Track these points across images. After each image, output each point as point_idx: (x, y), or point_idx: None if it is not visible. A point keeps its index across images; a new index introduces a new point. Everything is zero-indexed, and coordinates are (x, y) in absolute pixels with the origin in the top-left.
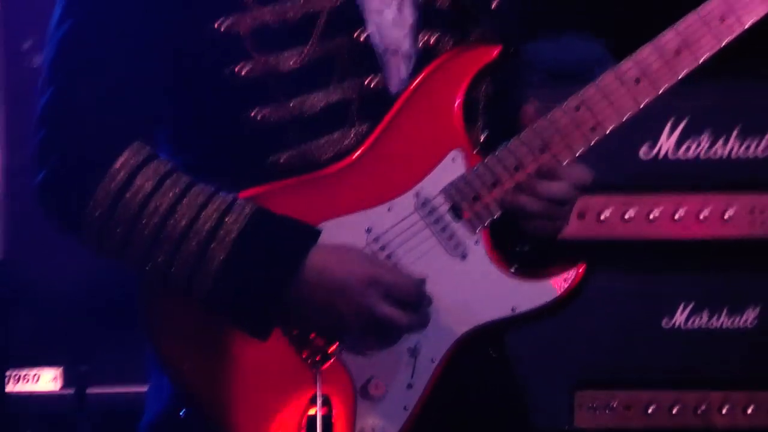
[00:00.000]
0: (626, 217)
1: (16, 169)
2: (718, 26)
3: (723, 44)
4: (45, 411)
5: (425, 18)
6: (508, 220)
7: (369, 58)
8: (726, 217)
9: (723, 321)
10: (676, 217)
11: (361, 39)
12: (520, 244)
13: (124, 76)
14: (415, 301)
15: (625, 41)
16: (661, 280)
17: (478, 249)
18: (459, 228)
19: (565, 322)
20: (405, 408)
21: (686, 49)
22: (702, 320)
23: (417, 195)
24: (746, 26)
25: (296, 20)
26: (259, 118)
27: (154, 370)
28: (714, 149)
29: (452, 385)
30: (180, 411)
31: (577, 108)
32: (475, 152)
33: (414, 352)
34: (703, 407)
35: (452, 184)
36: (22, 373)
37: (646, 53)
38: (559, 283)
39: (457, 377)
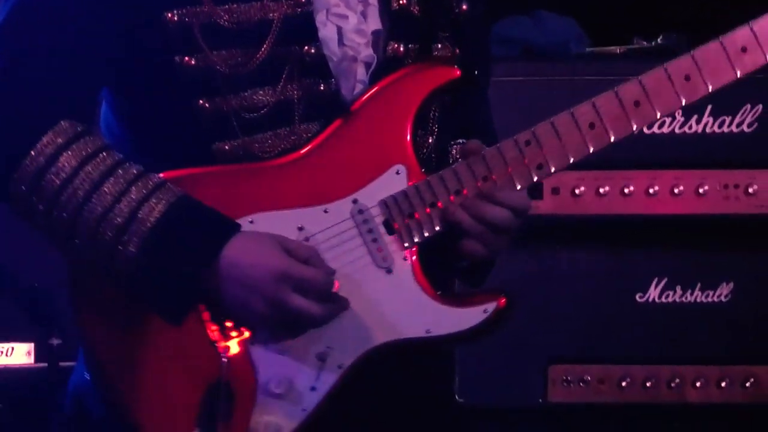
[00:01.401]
0: (601, 192)
1: None
2: (683, 84)
3: (684, 103)
4: (18, 384)
5: (395, 28)
6: (442, 241)
7: (320, 66)
8: (701, 191)
9: (696, 296)
10: (651, 192)
11: (312, 51)
12: (452, 265)
13: (68, 53)
14: (323, 293)
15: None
16: (635, 255)
17: (404, 265)
18: (390, 242)
19: (540, 296)
20: (304, 409)
21: (647, 102)
22: (675, 295)
23: (355, 202)
24: (710, 90)
25: (250, 24)
26: (205, 106)
27: None
28: (688, 124)
29: (359, 393)
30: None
31: (528, 143)
32: (421, 170)
33: (322, 356)
34: (677, 381)
35: (391, 197)
36: None
37: (605, 100)
38: (478, 314)
39: (365, 387)
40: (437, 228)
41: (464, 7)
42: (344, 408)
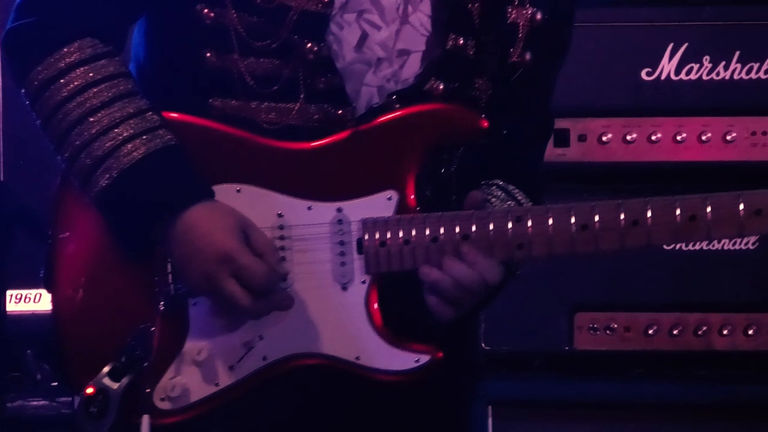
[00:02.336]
0: (628, 139)
1: (14, 90)
2: (686, 224)
3: (678, 241)
4: (45, 330)
5: (443, 64)
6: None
7: (326, 64)
8: (728, 138)
9: (724, 243)
10: (678, 139)
11: (315, 49)
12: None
13: None
14: (261, 290)
15: None
16: None
17: (360, 288)
18: (356, 261)
19: None
20: (216, 384)
21: (645, 226)
22: (702, 243)
23: (339, 210)
24: (709, 238)
25: (272, 3)
26: (213, 60)
27: None
28: (716, 71)
29: (278, 396)
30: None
31: (518, 219)
32: (412, 205)
33: (250, 344)
34: (704, 329)
35: (372, 219)
36: (23, 293)
37: (607, 209)
38: (409, 361)
39: (287, 392)
40: (404, 266)
41: (527, 57)
42: (256, 410)
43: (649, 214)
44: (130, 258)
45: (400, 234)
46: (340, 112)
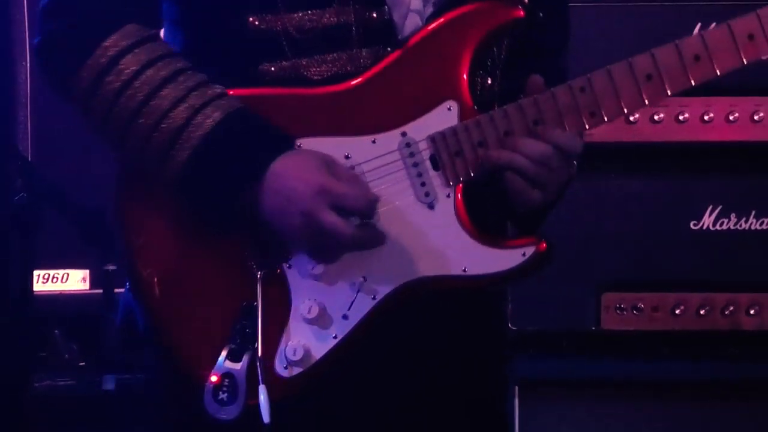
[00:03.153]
0: (655, 119)
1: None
2: (746, 44)
3: (745, 63)
4: (73, 311)
5: None
6: (494, 186)
7: None
8: (756, 118)
9: (751, 223)
10: (706, 118)
11: None
12: (504, 210)
13: None
14: (363, 214)
15: None
16: (690, 182)
17: (447, 203)
18: (434, 178)
19: (593, 224)
20: (335, 336)
21: (707, 58)
22: (730, 223)
23: (403, 135)
24: None
25: None
26: (256, 23)
27: None
28: None
29: (392, 325)
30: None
31: (582, 89)
32: (473, 108)
33: (357, 287)
34: (731, 309)
35: (439, 133)
36: (51, 273)
37: (665, 52)
38: (517, 257)
39: (399, 319)
40: (483, 168)
41: None
42: (388, 339)
43: (708, 45)
44: (222, 230)
45: (472, 138)
46: (389, 49)
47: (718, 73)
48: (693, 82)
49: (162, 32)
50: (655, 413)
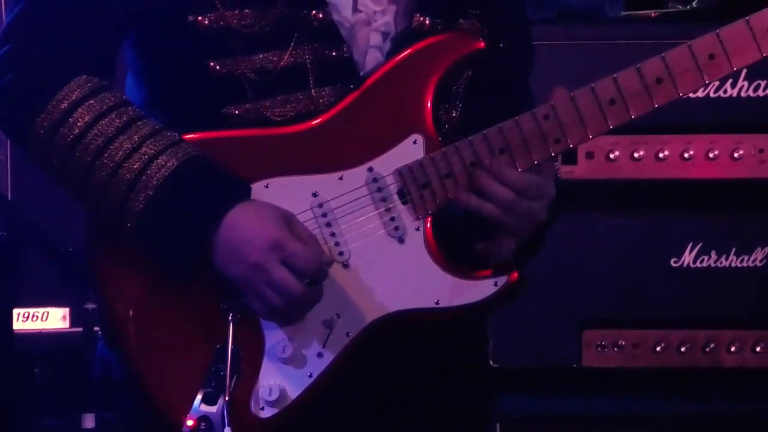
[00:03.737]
0: (635, 156)
1: None
2: (706, 63)
3: (707, 82)
4: (53, 349)
5: (423, 1)
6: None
7: (330, 31)
8: (735, 156)
9: (731, 260)
10: (686, 156)
11: (320, 16)
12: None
13: (87, 7)
14: (312, 275)
15: None
16: (670, 220)
17: (417, 235)
18: (403, 211)
19: (574, 261)
20: (310, 375)
21: (668, 79)
22: (710, 260)
23: (370, 170)
24: (735, 69)
25: None
26: (217, 68)
27: None
28: (723, 88)
29: (367, 361)
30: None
31: (546, 117)
32: (439, 140)
33: (329, 324)
34: (712, 346)
35: (406, 167)
36: (31, 311)
37: (627, 75)
38: (488, 287)
39: (374, 355)
40: (450, 199)
41: None
42: (365, 375)
43: (669, 67)
44: (182, 281)
45: (439, 170)
46: (351, 86)
47: (681, 95)
48: (656, 104)
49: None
50: None
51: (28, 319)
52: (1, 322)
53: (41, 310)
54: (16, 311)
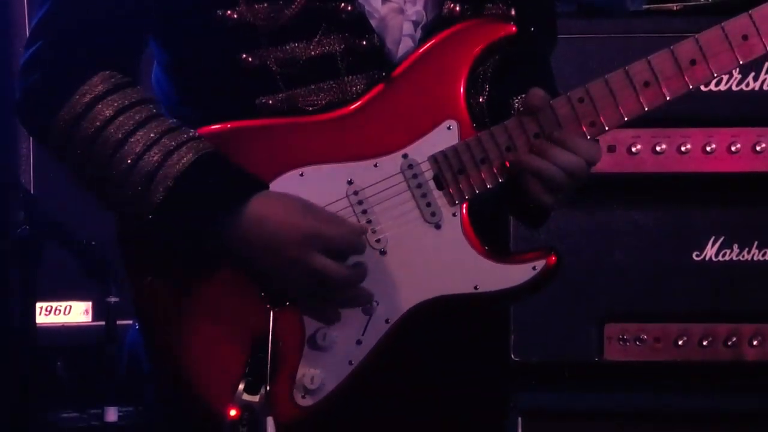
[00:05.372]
0: (657, 150)
1: None
2: (740, 44)
3: (741, 63)
4: (76, 342)
5: None
6: (501, 194)
7: (358, 22)
8: (758, 149)
9: (754, 254)
10: (708, 149)
11: (349, 8)
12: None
13: (111, 5)
14: (354, 252)
15: None
16: (692, 213)
17: (453, 221)
18: (439, 197)
19: (596, 255)
20: (350, 363)
21: (703, 61)
22: (732, 254)
23: (405, 157)
24: None
25: None
26: (249, 60)
27: None
28: (746, 82)
29: (406, 347)
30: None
31: (581, 100)
32: (472, 126)
33: (368, 311)
34: (734, 339)
35: (441, 153)
36: (54, 305)
37: (661, 58)
38: (527, 271)
39: (412, 341)
40: (488, 185)
41: None
42: (395, 364)
43: (703, 48)
44: (200, 275)
45: (474, 156)
46: (383, 74)
47: (715, 75)
48: (690, 86)
49: (153, 73)
50: None
51: (50, 313)
52: (24, 315)
53: (64, 303)
54: (38, 305)
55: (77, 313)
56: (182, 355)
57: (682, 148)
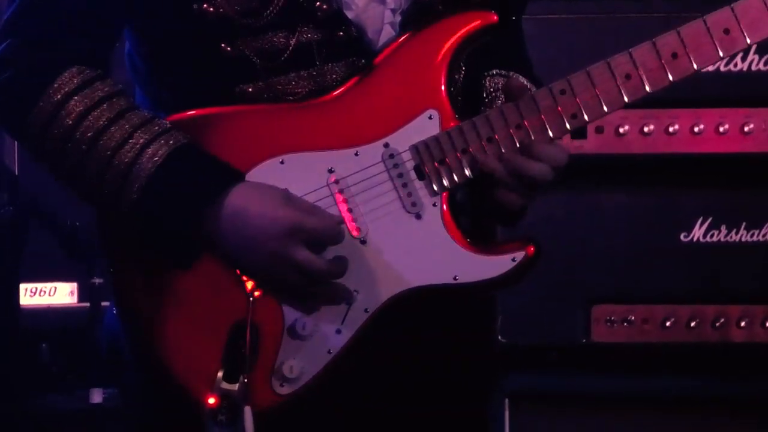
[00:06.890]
0: (645, 131)
1: None
2: (722, 38)
3: (722, 56)
4: (61, 324)
5: None
6: (475, 188)
7: (335, 18)
8: (746, 130)
9: (741, 235)
10: (695, 130)
11: (324, 7)
12: (486, 210)
13: (83, 1)
14: (334, 243)
15: None
16: (680, 194)
17: (434, 211)
18: (420, 187)
19: (583, 236)
20: (329, 352)
21: (684, 55)
22: (720, 235)
23: (386, 146)
24: (749, 43)
25: None
26: (228, 50)
27: None
28: (733, 62)
29: (387, 335)
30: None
31: (563, 92)
32: (454, 115)
33: (348, 300)
34: (721, 321)
35: (422, 142)
36: (39, 286)
37: (643, 51)
38: (506, 263)
39: (394, 327)
40: (468, 174)
41: None
42: (375, 352)
43: (684, 42)
44: (181, 268)
45: (454, 145)
46: (363, 61)
47: (696, 69)
48: (671, 79)
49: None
50: (646, 425)
51: (35, 294)
52: (8, 297)
53: (49, 285)
54: (23, 286)
55: (62, 294)
56: (161, 343)
57: (670, 129)
